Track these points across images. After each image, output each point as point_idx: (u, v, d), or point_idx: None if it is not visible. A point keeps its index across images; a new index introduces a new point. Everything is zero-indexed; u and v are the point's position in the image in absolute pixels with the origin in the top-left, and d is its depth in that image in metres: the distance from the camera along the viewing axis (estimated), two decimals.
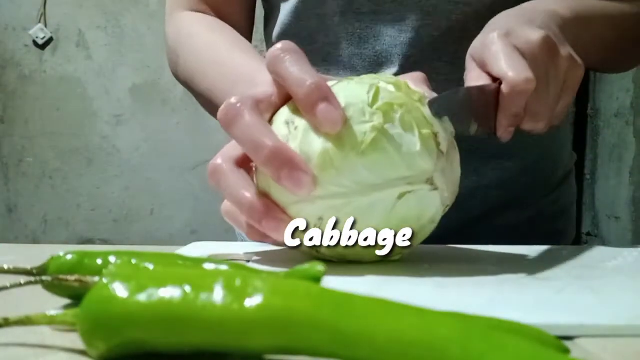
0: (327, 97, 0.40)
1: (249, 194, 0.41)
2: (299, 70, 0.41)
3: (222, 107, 0.42)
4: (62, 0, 2.50)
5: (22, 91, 2.52)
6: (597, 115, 2.38)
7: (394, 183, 0.40)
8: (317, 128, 0.40)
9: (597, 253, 0.51)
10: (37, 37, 2.49)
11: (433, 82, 0.62)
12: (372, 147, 0.40)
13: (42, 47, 2.51)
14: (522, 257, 0.47)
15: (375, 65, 0.65)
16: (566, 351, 0.26)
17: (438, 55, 0.64)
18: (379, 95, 0.41)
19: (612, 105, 2.27)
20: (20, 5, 2.49)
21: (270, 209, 0.41)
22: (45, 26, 2.50)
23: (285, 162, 0.39)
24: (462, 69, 0.52)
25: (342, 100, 0.41)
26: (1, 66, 2.51)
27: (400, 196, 0.41)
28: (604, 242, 2.29)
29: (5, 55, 2.51)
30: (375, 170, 0.40)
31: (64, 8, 2.50)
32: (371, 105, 0.41)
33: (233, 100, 0.42)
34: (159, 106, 2.52)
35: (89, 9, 2.51)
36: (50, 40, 2.51)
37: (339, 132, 0.40)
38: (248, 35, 0.74)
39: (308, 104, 0.40)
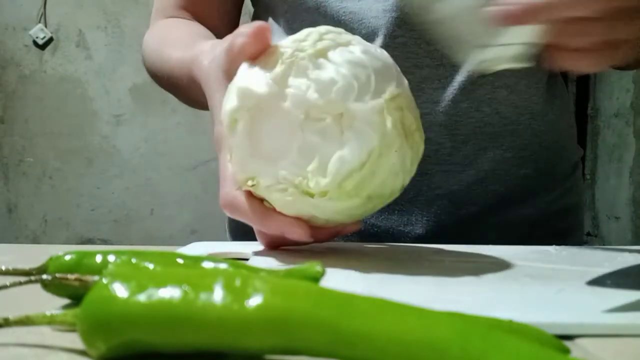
0: None
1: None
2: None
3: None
4: (62, 0, 2.50)
5: (22, 91, 2.52)
6: (597, 115, 2.38)
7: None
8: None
9: (597, 253, 0.51)
10: (37, 37, 2.49)
11: (418, 59, 0.62)
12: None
13: (42, 47, 2.51)
14: (522, 257, 0.47)
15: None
16: (566, 351, 0.26)
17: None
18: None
19: (612, 105, 2.27)
20: (20, 5, 2.49)
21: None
22: (45, 26, 2.50)
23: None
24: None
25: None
26: (1, 66, 2.51)
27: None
28: (604, 242, 2.29)
29: (5, 55, 2.51)
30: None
31: (64, 8, 2.50)
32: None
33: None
34: (159, 106, 2.52)
35: (89, 9, 2.51)
36: (50, 40, 2.51)
37: None
38: None
39: None
